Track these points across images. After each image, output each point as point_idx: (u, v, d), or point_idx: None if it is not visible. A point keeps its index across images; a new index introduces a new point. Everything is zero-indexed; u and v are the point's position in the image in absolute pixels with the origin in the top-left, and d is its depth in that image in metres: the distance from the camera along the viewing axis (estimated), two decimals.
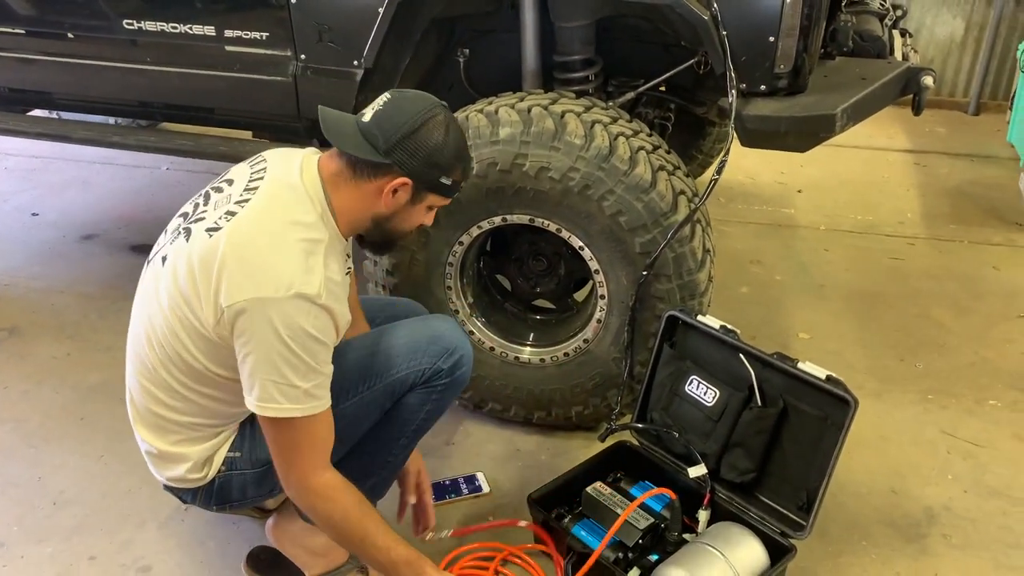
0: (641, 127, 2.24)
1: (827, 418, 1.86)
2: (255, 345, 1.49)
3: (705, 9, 1.98)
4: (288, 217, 1.56)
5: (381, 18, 2.16)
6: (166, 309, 1.59)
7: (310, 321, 1.50)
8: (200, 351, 1.58)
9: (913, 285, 3.28)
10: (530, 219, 2.20)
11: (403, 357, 1.75)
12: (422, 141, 1.57)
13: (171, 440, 1.71)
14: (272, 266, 1.50)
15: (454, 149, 1.62)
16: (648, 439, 2.14)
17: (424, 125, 1.58)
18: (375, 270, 2.37)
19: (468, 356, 1.83)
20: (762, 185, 4.15)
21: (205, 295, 1.52)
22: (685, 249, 2.12)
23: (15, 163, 4.47)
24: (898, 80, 2.22)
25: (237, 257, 1.50)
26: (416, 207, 1.66)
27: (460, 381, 1.82)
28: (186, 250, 1.56)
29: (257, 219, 1.56)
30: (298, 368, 1.51)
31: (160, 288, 1.61)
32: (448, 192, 1.67)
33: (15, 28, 2.57)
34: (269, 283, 1.48)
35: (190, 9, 2.38)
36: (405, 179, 1.59)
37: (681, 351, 2.11)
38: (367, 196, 1.62)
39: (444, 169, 1.62)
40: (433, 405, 1.81)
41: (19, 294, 3.22)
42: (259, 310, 1.47)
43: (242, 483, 1.73)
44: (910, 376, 2.75)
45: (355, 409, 1.73)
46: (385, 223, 1.67)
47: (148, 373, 1.67)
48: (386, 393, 1.75)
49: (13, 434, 2.48)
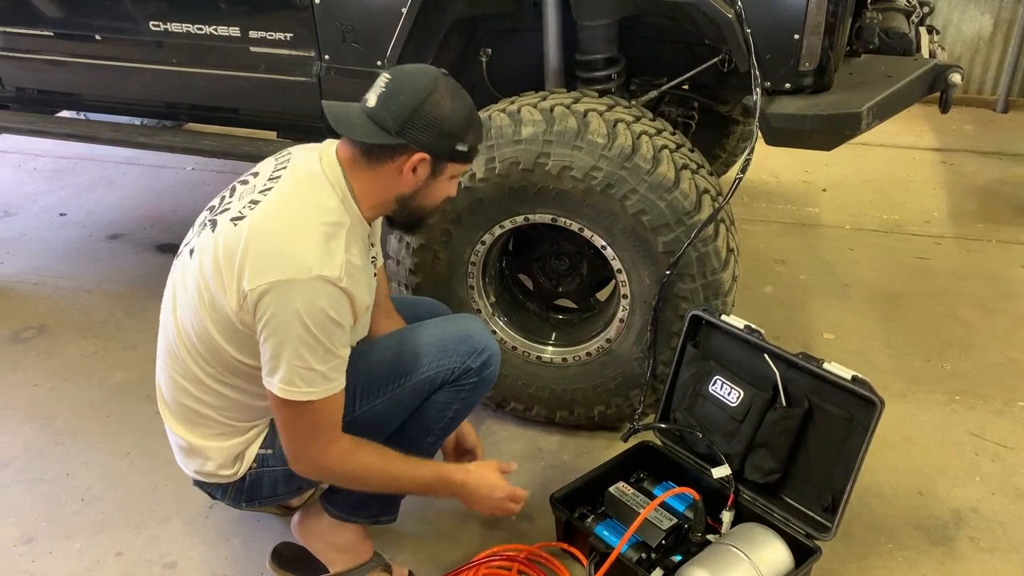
0: (664, 126, 2.23)
1: (853, 419, 1.84)
2: (276, 327, 1.51)
3: (729, 7, 1.97)
4: (309, 202, 1.58)
5: (404, 18, 2.17)
6: (194, 299, 1.61)
7: (330, 303, 1.52)
8: (228, 340, 1.60)
9: (940, 285, 3.25)
10: (552, 218, 2.20)
11: (432, 356, 1.77)
12: (432, 114, 1.57)
13: (201, 433, 1.73)
14: (293, 250, 1.51)
15: (464, 114, 1.62)
16: (671, 439, 2.13)
17: (430, 97, 1.57)
18: (398, 269, 2.38)
19: (496, 355, 1.85)
20: (786, 184, 4.12)
21: (229, 282, 1.54)
22: (709, 248, 2.10)
23: (43, 164, 4.53)
24: (925, 78, 2.19)
25: (259, 242, 1.53)
26: (438, 180, 1.66)
27: (488, 380, 1.84)
28: (212, 240, 1.59)
29: (279, 206, 1.58)
30: (316, 351, 1.53)
31: (188, 280, 1.64)
32: (466, 158, 1.67)
33: (43, 31, 2.61)
34: (290, 266, 1.50)
35: (215, 11, 2.40)
36: (423, 155, 1.59)
37: (705, 351, 2.10)
38: (387, 177, 1.62)
39: (458, 136, 1.61)
40: (461, 404, 1.83)
41: (47, 293, 3.26)
42: (280, 292, 1.49)
43: (273, 480, 1.75)
44: (937, 377, 2.71)
45: (384, 407, 1.75)
46: (410, 201, 1.68)
47: (178, 365, 1.70)
48: (415, 391, 1.77)
49: (42, 431, 2.51)
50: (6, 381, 2.75)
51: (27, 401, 2.64)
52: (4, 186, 4.28)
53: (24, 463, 2.38)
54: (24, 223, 3.86)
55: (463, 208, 2.22)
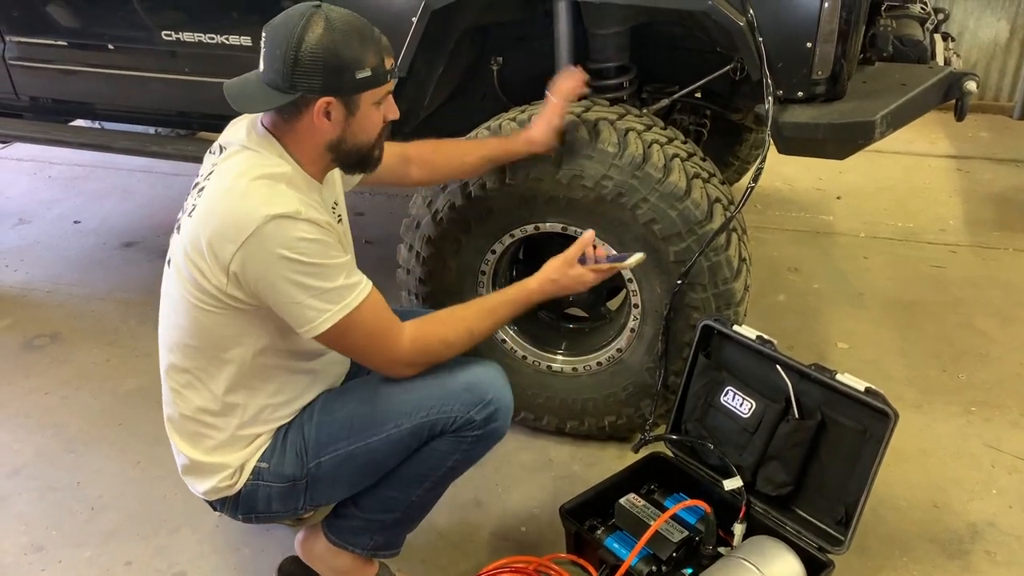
0: (676, 134, 2.21)
1: (866, 431, 1.82)
2: (271, 280, 1.51)
3: (741, 15, 1.95)
4: (245, 168, 1.56)
5: (415, 27, 2.16)
6: (191, 302, 1.60)
7: (301, 230, 1.50)
8: (234, 331, 1.61)
9: (955, 294, 3.21)
10: (563, 227, 2.19)
11: (435, 400, 1.67)
12: (312, 55, 1.49)
13: (206, 447, 1.72)
14: (241, 208, 1.50)
15: (350, 40, 1.51)
16: (682, 451, 2.11)
17: (304, 40, 1.48)
18: (408, 279, 2.37)
19: (506, 409, 1.72)
20: (800, 191, 4.10)
21: (208, 270, 1.54)
22: (720, 258, 2.09)
23: (58, 172, 4.56)
24: (940, 86, 2.17)
25: (211, 218, 1.53)
26: (359, 114, 1.59)
27: (493, 435, 1.73)
28: (180, 241, 1.60)
29: (220, 181, 1.57)
30: (319, 272, 1.52)
31: (173, 290, 1.65)
32: (374, 81, 1.55)
33: (57, 40, 2.62)
34: (246, 223, 1.48)
35: (227, 20, 2.41)
36: (325, 98, 1.53)
37: (716, 361, 2.08)
38: (307, 132, 1.59)
39: (352, 65, 1.51)
40: (462, 455, 1.72)
41: (61, 300, 3.28)
42: (252, 250, 1.49)
43: (267, 496, 1.73)
44: (952, 387, 2.68)
45: (380, 445, 1.68)
46: (342, 145, 1.62)
47: (178, 375, 1.69)
48: (413, 434, 1.68)
49: (54, 439, 2.52)
50: (19, 388, 2.76)
51: (39, 408, 2.65)
52: (20, 194, 4.32)
53: (35, 471, 2.39)
54: (39, 231, 3.89)
55: (473, 217, 2.21)
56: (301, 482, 1.71)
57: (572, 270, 1.81)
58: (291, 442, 1.72)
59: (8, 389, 2.76)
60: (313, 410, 1.75)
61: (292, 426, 1.74)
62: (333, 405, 1.75)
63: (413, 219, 2.31)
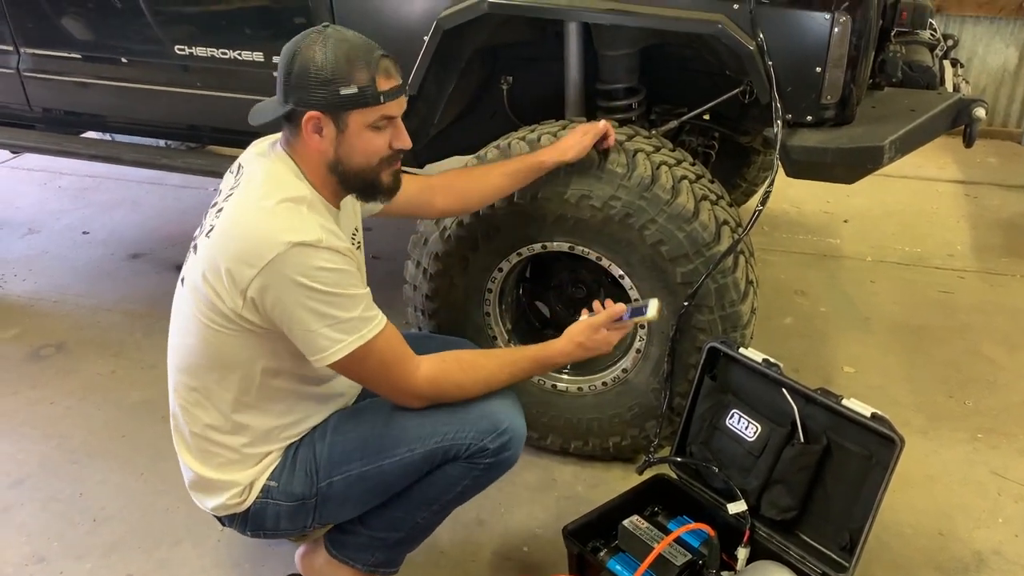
0: (684, 156, 2.22)
1: (872, 457, 1.81)
2: (286, 306, 1.51)
3: (751, 39, 1.96)
4: (267, 190, 1.57)
5: (426, 46, 2.18)
6: (203, 322, 1.60)
7: (322, 259, 1.51)
8: (245, 352, 1.61)
9: (962, 319, 3.20)
10: (570, 247, 2.19)
11: (449, 426, 1.68)
12: (303, 69, 1.53)
13: (215, 463, 1.71)
14: (263, 232, 1.51)
15: (343, 55, 1.53)
16: (687, 473, 2.10)
17: (299, 54, 1.54)
18: (414, 295, 2.38)
19: (519, 438, 1.73)
20: (807, 214, 4.09)
21: (224, 292, 1.54)
22: (728, 280, 2.09)
23: (68, 182, 4.59)
24: (948, 112, 2.17)
25: (231, 241, 1.54)
26: (349, 134, 1.58)
27: (505, 463, 1.72)
28: (197, 262, 1.60)
29: (240, 202, 1.58)
30: (336, 302, 1.52)
31: (186, 308, 1.65)
32: (364, 101, 1.55)
33: (71, 53, 2.64)
34: (267, 248, 1.49)
35: (239, 35, 2.43)
36: (313, 113, 1.55)
37: (722, 384, 2.07)
38: (307, 150, 1.61)
39: (339, 80, 1.52)
40: (472, 482, 1.73)
41: (67, 311, 3.29)
42: (271, 275, 1.49)
43: (276, 514, 1.73)
44: (959, 414, 2.67)
45: (393, 468, 1.69)
46: (339, 166, 1.62)
47: (188, 394, 1.69)
48: (426, 459, 1.69)
49: (57, 450, 2.52)
50: (24, 398, 2.76)
51: (44, 419, 2.66)
52: (29, 204, 4.34)
53: (38, 481, 2.39)
54: (47, 241, 3.91)
55: (480, 235, 2.22)
56: (311, 501, 1.71)
57: (597, 334, 1.83)
58: (301, 461, 1.72)
59: (14, 399, 2.76)
60: (326, 429, 1.75)
61: (303, 444, 1.74)
62: (346, 425, 1.75)
63: (421, 235, 2.32)
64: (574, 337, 1.83)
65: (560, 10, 2.10)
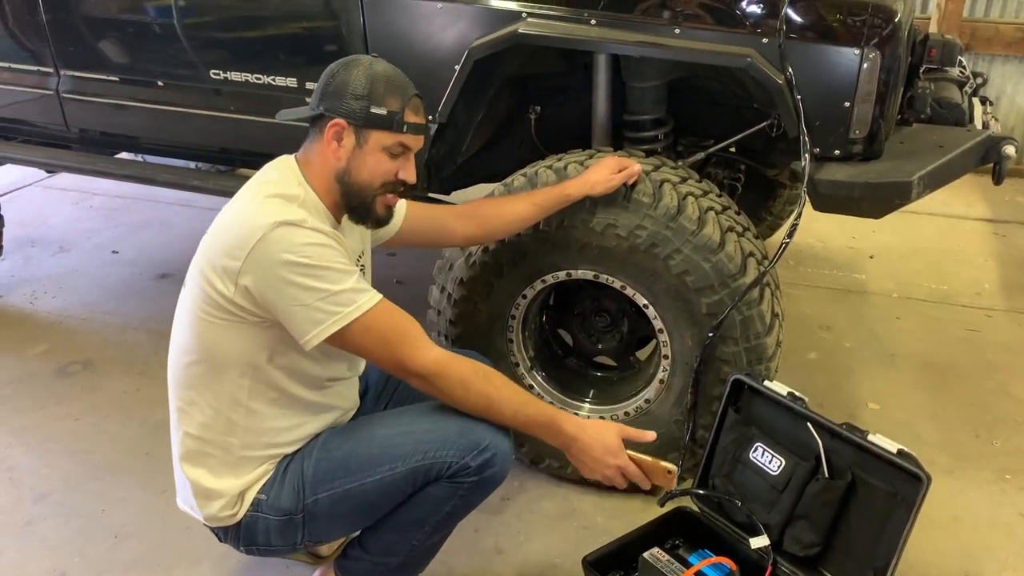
0: (710, 187, 2.23)
1: (897, 494, 1.78)
2: (278, 285, 1.54)
3: (780, 73, 1.97)
4: (258, 189, 1.65)
5: (457, 76, 2.20)
6: (199, 315, 1.64)
7: (306, 236, 1.55)
8: (239, 345, 1.63)
9: (989, 358, 3.16)
10: (595, 275, 2.20)
11: (429, 445, 1.66)
12: (345, 81, 1.64)
13: (208, 465, 1.72)
14: (248, 221, 1.57)
15: (382, 80, 1.65)
16: (709, 506, 2.08)
17: (345, 68, 1.66)
18: (438, 320, 2.39)
19: (503, 455, 1.68)
20: (833, 249, 4.07)
21: (218, 281, 1.58)
22: (753, 312, 2.08)
23: (100, 202, 4.66)
24: (977, 149, 2.16)
25: (222, 234, 1.61)
26: (366, 150, 1.66)
27: (490, 481, 1.69)
28: (194, 262, 1.66)
29: (232, 202, 1.66)
30: (326, 276, 1.55)
31: (183, 308, 1.70)
32: (389, 124, 1.65)
33: (110, 76, 2.70)
34: (253, 232, 1.54)
35: (273, 61, 2.47)
36: (340, 120, 1.64)
37: (746, 417, 2.06)
38: (323, 156, 1.68)
39: (372, 99, 1.63)
40: (459, 501, 1.69)
41: (95, 328, 3.33)
42: (261, 256, 1.53)
43: (266, 528, 1.73)
44: (986, 454, 2.63)
45: (375, 487, 1.67)
46: (346, 176, 1.68)
47: (184, 393, 1.72)
48: (407, 479, 1.66)
49: (81, 465, 2.54)
50: (51, 414, 2.79)
51: (69, 435, 2.68)
52: (62, 222, 4.41)
53: (62, 496, 2.41)
54: (78, 259, 3.97)
55: (506, 261, 2.23)
56: (298, 516, 1.71)
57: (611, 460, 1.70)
58: (291, 476, 1.72)
59: (40, 414, 2.79)
60: (315, 446, 1.76)
61: (294, 459, 1.74)
62: (333, 442, 1.75)
63: (446, 261, 2.33)
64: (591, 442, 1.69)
65: (590, 41, 2.12)
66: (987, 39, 4.80)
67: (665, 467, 1.74)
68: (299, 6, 2.38)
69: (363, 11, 2.28)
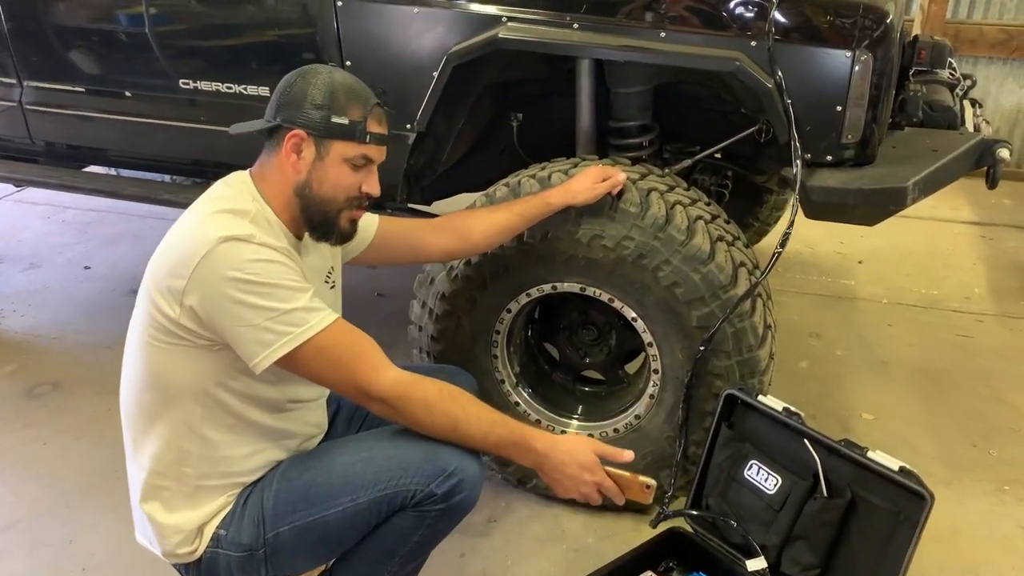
0: (699, 195, 2.16)
1: (899, 513, 1.72)
2: (223, 304, 1.44)
3: (769, 76, 1.91)
4: (205, 206, 1.55)
5: (436, 82, 2.13)
6: (147, 341, 1.55)
7: (254, 252, 1.46)
8: (188, 370, 1.54)
9: (983, 365, 3.11)
10: (581, 288, 2.12)
11: (392, 472, 1.56)
12: (303, 90, 1.56)
13: (162, 498, 1.63)
14: (193, 237, 1.48)
15: (342, 89, 1.57)
16: (703, 527, 2.01)
17: (303, 77, 1.58)
18: (420, 336, 2.30)
19: (472, 480, 1.58)
20: (821, 255, 4.02)
21: (164, 304, 1.49)
22: (745, 324, 2.01)
23: (72, 216, 4.55)
24: (971, 152, 2.11)
25: (166, 252, 1.52)
26: (327, 162, 1.58)
27: (458, 508, 1.59)
28: (142, 285, 1.57)
29: (182, 218, 1.57)
30: (274, 294, 1.45)
31: (132, 334, 1.61)
32: (351, 134, 1.57)
33: (74, 86, 2.61)
34: (197, 249, 1.45)
35: (244, 70, 2.39)
36: (298, 131, 1.55)
37: (740, 433, 1.99)
38: (280, 169, 1.59)
39: (333, 109, 1.55)
40: (428, 531, 1.60)
41: (65, 348, 3.23)
42: (205, 274, 1.44)
43: (227, 564, 1.62)
44: (983, 464, 2.57)
45: (337, 519, 1.58)
46: (306, 190, 1.59)
47: (136, 423, 1.64)
48: (371, 510, 1.57)
49: (48, 491, 2.44)
50: (18, 438, 2.69)
51: (36, 459, 2.58)
52: (32, 237, 4.30)
53: (28, 525, 2.31)
54: (48, 275, 3.86)
55: (489, 275, 2.15)
56: (259, 552, 1.61)
57: (587, 476, 1.60)
58: (251, 508, 1.63)
59: (7, 438, 2.68)
60: (274, 476, 1.66)
61: (255, 490, 1.65)
62: (293, 472, 1.66)
63: (427, 275, 2.25)
64: (565, 459, 1.58)
65: (573, 46, 2.05)
66: (971, 41, 4.77)
67: (643, 481, 1.65)
68: (271, 13, 2.29)
69: (337, 17, 2.20)
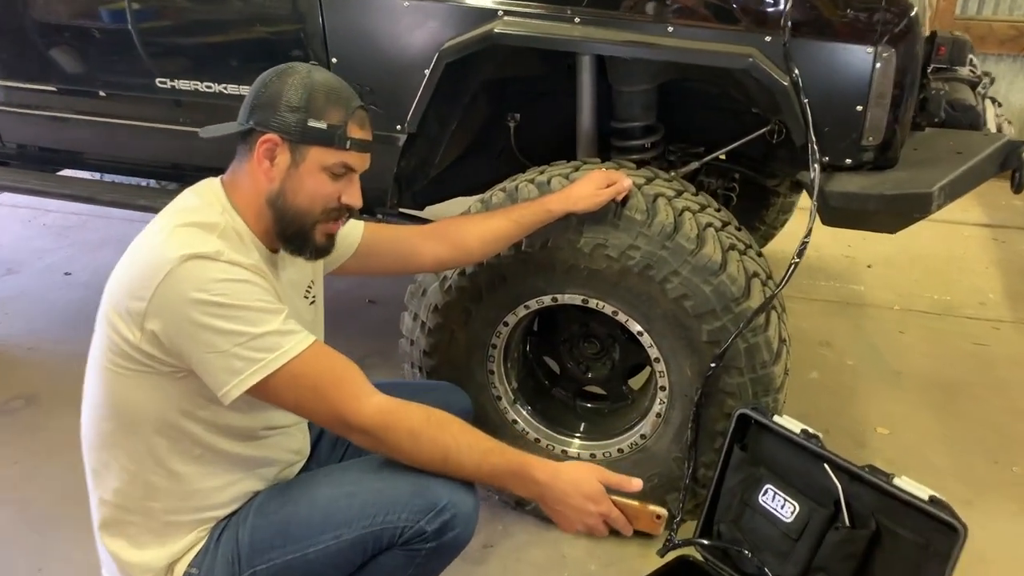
0: (708, 201, 2.03)
1: (929, 546, 1.59)
2: (189, 329, 1.31)
3: (785, 74, 1.78)
4: (169, 219, 1.41)
5: (427, 80, 2.00)
6: (106, 366, 1.41)
7: (221, 271, 1.32)
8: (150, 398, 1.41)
9: (1000, 375, 2.98)
10: (583, 300, 1.99)
11: (378, 507, 1.45)
12: (278, 91, 1.44)
13: (128, 535, 1.50)
14: (154, 255, 1.34)
15: (321, 89, 1.45)
16: (715, 555, 1.88)
17: (279, 77, 1.46)
18: (411, 350, 2.17)
19: (465, 516, 1.47)
20: (828, 259, 3.89)
21: (124, 327, 1.35)
22: (759, 339, 1.88)
23: (53, 220, 4.41)
24: (997, 155, 1.98)
25: (126, 271, 1.38)
26: (303, 170, 1.45)
27: (451, 546, 1.48)
28: (102, 303, 1.43)
29: (145, 232, 1.43)
30: (244, 316, 1.32)
31: (92, 360, 1.46)
32: (329, 140, 1.45)
33: (45, 86, 2.46)
34: (159, 268, 1.31)
35: (224, 67, 2.25)
36: (272, 136, 1.43)
37: (754, 455, 1.86)
38: (253, 176, 1.46)
39: (311, 111, 1.43)
40: (417, 570, 1.47)
41: (41, 359, 3.08)
42: (168, 296, 1.31)
43: None
44: (1006, 481, 2.44)
45: (319, 557, 1.45)
46: (279, 201, 1.46)
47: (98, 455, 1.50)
48: (356, 548, 1.45)
49: (18, 516, 2.30)
50: None
51: (5, 482, 2.44)
52: (11, 242, 4.15)
53: None
54: (26, 281, 3.71)
55: (485, 286, 2.02)
56: None
57: (592, 507, 1.47)
58: (224, 546, 1.49)
59: None
60: (249, 510, 1.53)
61: (228, 527, 1.52)
62: (270, 505, 1.52)
63: (419, 286, 2.12)
64: (567, 489, 1.47)
65: (573, 42, 1.91)
66: (980, 37, 4.65)
67: (653, 511, 1.53)
68: (253, 6, 2.16)
69: (322, 11, 2.07)
